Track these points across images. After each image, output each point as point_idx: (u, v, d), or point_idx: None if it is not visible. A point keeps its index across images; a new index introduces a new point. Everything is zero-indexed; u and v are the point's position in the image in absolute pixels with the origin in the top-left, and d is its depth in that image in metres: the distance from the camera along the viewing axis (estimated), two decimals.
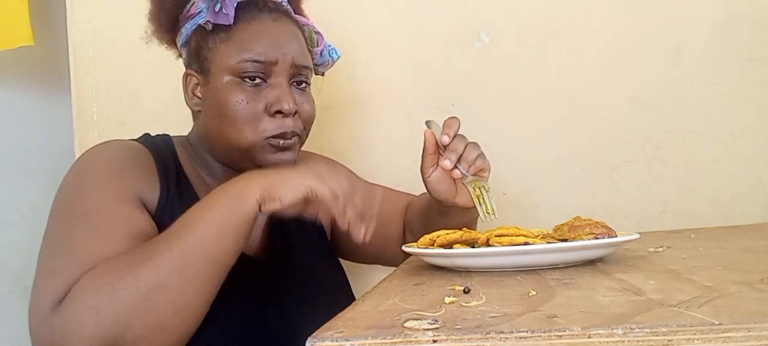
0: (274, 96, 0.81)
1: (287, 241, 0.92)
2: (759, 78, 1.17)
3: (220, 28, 0.82)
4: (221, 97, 0.81)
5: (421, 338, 0.38)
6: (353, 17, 1.24)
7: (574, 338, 0.37)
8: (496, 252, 0.65)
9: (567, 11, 1.21)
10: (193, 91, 0.86)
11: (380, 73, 1.25)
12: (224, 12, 0.81)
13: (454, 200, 0.88)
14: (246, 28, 0.82)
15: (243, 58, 0.80)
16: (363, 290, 0.61)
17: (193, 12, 0.85)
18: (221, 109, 0.81)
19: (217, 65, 0.82)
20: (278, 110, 0.81)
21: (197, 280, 0.65)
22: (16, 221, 1.47)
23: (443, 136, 0.84)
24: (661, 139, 1.19)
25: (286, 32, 0.85)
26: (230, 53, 0.81)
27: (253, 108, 0.80)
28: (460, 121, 0.86)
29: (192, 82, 0.86)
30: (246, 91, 0.81)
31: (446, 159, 0.83)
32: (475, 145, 0.86)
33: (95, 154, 0.81)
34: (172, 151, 0.86)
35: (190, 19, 0.85)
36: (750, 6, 1.17)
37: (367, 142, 1.25)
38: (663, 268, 0.61)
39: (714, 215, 1.16)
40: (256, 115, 0.81)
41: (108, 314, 0.61)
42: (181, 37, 0.87)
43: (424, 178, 0.88)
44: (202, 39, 0.84)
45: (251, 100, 0.80)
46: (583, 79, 1.20)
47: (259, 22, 0.83)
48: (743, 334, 0.35)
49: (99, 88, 1.29)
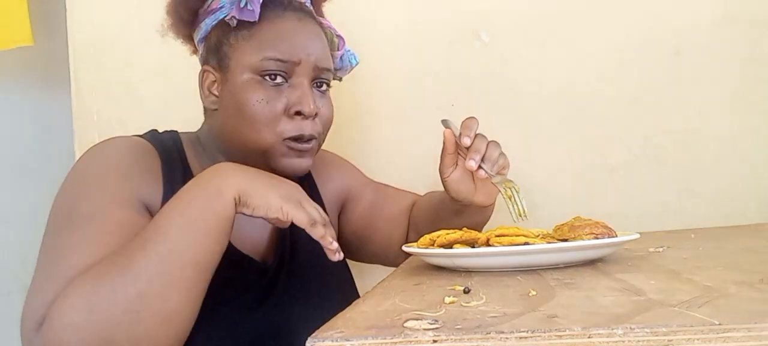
0: (295, 97, 0.80)
1: (296, 243, 0.90)
2: (759, 78, 1.17)
3: (243, 24, 0.81)
4: (241, 95, 0.79)
5: (421, 338, 0.38)
6: (353, 17, 1.23)
7: (574, 338, 0.37)
8: (496, 252, 0.65)
9: (567, 12, 1.21)
10: (210, 89, 0.84)
11: (380, 74, 1.25)
12: (250, 8, 0.79)
13: (473, 199, 0.87)
14: (270, 26, 0.81)
15: (266, 56, 0.79)
16: (363, 290, 0.61)
17: (215, 7, 0.83)
18: (240, 107, 0.79)
19: (238, 62, 0.80)
20: (298, 112, 0.80)
21: (179, 285, 0.62)
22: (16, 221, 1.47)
23: (464, 138, 0.81)
24: (661, 139, 1.19)
25: (310, 33, 0.83)
26: (253, 51, 0.80)
27: (273, 108, 0.79)
28: (478, 121, 0.84)
29: (209, 78, 0.84)
30: (266, 90, 0.79)
31: (471, 159, 0.80)
32: (496, 143, 0.84)
33: (97, 154, 0.78)
34: (180, 148, 0.85)
35: (211, 14, 0.83)
36: (750, 6, 1.17)
37: (367, 143, 1.25)
38: (663, 268, 0.61)
39: (714, 215, 1.16)
40: (275, 116, 0.79)
41: (87, 329, 0.58)
42: (199, 32, 0.85)
43: (444, 178, 0.86)
44: (224, 35, 0.82)
45: (271, 99, 0.79)
46: (583, 79, 1.21)
47: (283, 21, 0.82)
48: (743, 334, 0.35)
49: (99, 88, 1.29)
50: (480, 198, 0.87)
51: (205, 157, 0.87)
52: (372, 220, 1.01)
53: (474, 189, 0.86)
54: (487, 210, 0.91)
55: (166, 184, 0.78)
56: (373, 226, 1.01)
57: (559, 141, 1.21)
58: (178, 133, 0.88)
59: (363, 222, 1.01)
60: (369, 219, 1.01)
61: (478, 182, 0.86)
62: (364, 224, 1.01)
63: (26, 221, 0.76)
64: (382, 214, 1.01)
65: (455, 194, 0.86)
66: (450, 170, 0.86)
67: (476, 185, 0.86)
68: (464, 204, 0.87)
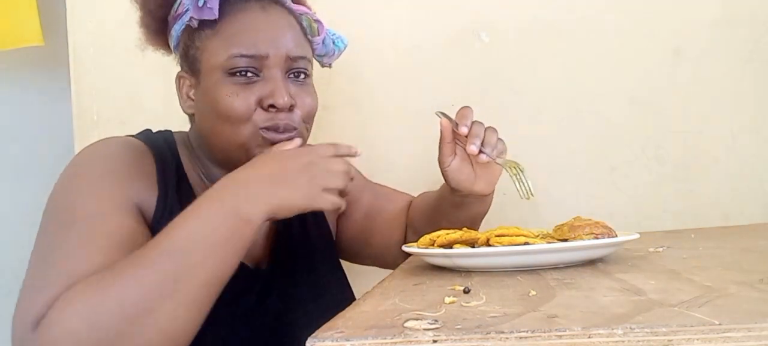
0: (268, 90, 0.77)
1: (291, 248, 0.90)
2: (759, 78, 1.17)
3: (206, 24, 0.78)
4: (212, 96, 0.77)
5: (421, 338, 0.38)
6: (353, 17, 1.23)
7: (574, 338, 0.37)
8: (496, 252, 0.65)
9: (567, 11, 1.21)
10: (187, 94, 0.83)
11: (380, 74, 1.25)
12: (208, 6, 0.76)
13: (473, 188, 0.86)
14: (232, 21, 0.78)
15: (231, 54, 0.76)
16: (363, 290, 0.61)
17: (181, 11, 0.80)
18: (213, 107, 0.77)
19: (207, 64, 0.78)
20: (271, 104, 0.77)
21: (191, 304, 0.61)
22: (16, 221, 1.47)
23: (462, 127, 0.81)
24: (661, 139, 1.19)
25: (276, 22, 0.80)
26: (218, 49, 0.77)
27: (246, 101, 0.76)
28: (473, 110, 0.84)
29: (185, 84, 0.83)
30: (238, 87, 0.77)
31: (472, 144, 0.80)
32: (493, 129, 0.84)
33: (90, 155, 0.77)
34: (173, 149, 0.84)
35: (178, 20, 0.81)
36: (750, 6, 1.17)
37: (367, 143, 1.25)
38: (663, 268, 0.61)
39: (714, 215, 1.16)
40: (248, 109, 0.76)
41: (88, 338, 0.57)
42: (172, 39, 0.84)
43: (443, 168, 0.86)
44: (190, 38, 0.80)
45: (243, 94, 0.76)
46: (583, 79, 1.20)
47: (245, 14, 0.79)
48: (743, 334, 0.35)
49: (99, 88, 1.29)
50: (480, 186, 0.87)
51: (195, 160, 0.86)
52: (371, 222, 1.01)
53: (474, 177, 0.86)
54: (486, 200, 0.91)
55: (161, 185, 0.77)
56: (373, 228, 1.01)
57: (559, 141, 1.21)
58: (172, 133, 0.87)
59: (362, 224, 1.01)
60: (368, 221, 1.01)
61: (478, 170, 0.86)
62: (363, 226, 1.01)
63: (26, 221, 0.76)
64: (381, 215, 1.01)
65: (455, 183, 0.86)
66: (449, 160, 0.85)
67: (476, 172, 0.86)
68: (464, 195, 0.87)
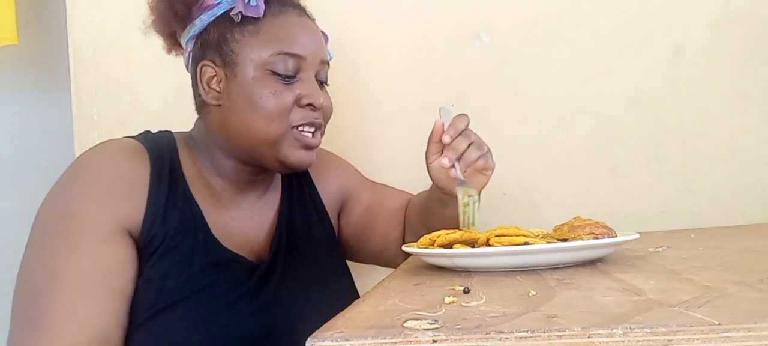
0: (306, 90, 0.82)
1: (292, 242, 0.91)
2: (759, 78, 1.17)
3: (248, 20, 0.82)
4: (251, 90, 0.81)
5: (421, 338, 0.38)
6: (354, 17, 1.24)
7: (574, 338, 0.37)
8: (496, 252, 0.65)
9: (567, 11, 1.21)
10: (209, 83, 0.84)
11: (380, 73, 1.25)
12: (254, 4, 0.82)
13: (453, 189, 0.87)
14: (274, 21, 0.83)
15: (275, 52, 0.81)
16: (363, 290, 0.61)
17: (211, 3, 0.84)
18: (250, 101, 0.81)
19: (247, 57, 0.82)
20: (309, 103, 0.82)
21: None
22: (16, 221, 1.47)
23: (445, 136, 0.84)
24: (661, 139, 1.19)
25: (311, 28, 0.87)
26: (261, 46, 0.82)
27: (285, 100, 0.81)
28: (468, 119, 0.86)
29: (207, 73, 0.84)
30: (277, 84, 0.81)
31: (445, 157, 0.84)
32: (479, 145, 0.85)
33: (81, 170, 0.79)
34: (173, 149, 0.85)
35: (207, 11, 0.84)
36: (750, 6, 1.17)
37: (367, 143, 1.25)
38: (663, 268, 0.61)
39: (714, 215, 1.16)
40: (287, 107, 0.81)
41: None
42: (193, 28, 0.85)
43: (427, 163, 0.88)
44: (228, 30, 0.83)
45: (283, 92, 0.81)
46: (583, 79, 1.20)
47: (286, 17, 0.84)
48: (743, 334, 0.35)
49: (99, 88, 1.29)
50: None
51: (198, 156, 0.87)
52: (371, 220, 1.01)
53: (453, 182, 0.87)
54: None
55: (152, 191, 0.79)
56: (372, 226, 1.01)
57: (559, 141, 1.21)
58: (173, 133, 0.88)
59: (362, 222, 1.01)
60: (368, 219, 1.01)
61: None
62: (363, 224, 1.01)
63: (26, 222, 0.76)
64: (381, 213, 1.02)
65: (437, 180, 0.89)
66: (434, 158, 0.88)
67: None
68: (447, 192, 0.88)
